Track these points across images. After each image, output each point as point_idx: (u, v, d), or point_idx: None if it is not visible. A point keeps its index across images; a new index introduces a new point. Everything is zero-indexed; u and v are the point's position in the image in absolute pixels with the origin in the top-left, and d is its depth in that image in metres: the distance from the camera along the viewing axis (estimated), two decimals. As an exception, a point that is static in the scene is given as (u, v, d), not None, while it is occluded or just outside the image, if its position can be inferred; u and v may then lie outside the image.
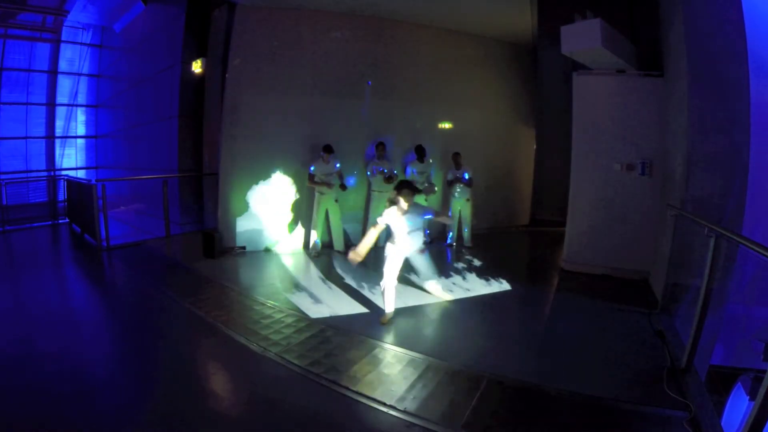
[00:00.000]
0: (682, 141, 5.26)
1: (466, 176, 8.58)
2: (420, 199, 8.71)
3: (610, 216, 6.73)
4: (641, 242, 6.53)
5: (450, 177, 8.74)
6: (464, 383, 3.74)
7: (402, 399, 3.49)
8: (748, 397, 3.32)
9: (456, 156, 8.70)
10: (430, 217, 5.27)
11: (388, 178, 8.30)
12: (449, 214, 8.75)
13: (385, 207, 5.14)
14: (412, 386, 3.69)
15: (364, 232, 8.59)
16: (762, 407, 2.40)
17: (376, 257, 7.83)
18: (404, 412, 3.33)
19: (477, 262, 7.54)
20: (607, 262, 6.78)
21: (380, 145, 8.36)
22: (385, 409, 3.37)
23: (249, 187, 8.15)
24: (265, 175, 8.22)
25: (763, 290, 4.41)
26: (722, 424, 3.14)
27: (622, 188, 6.67)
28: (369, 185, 8.57)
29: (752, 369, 3.65)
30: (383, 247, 5.33)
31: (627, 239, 6.65)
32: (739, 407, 3.39)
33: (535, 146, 11.35)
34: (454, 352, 4.34)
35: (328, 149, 7.82)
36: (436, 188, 8.83)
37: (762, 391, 2.40)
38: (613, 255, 6.74)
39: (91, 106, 16.87)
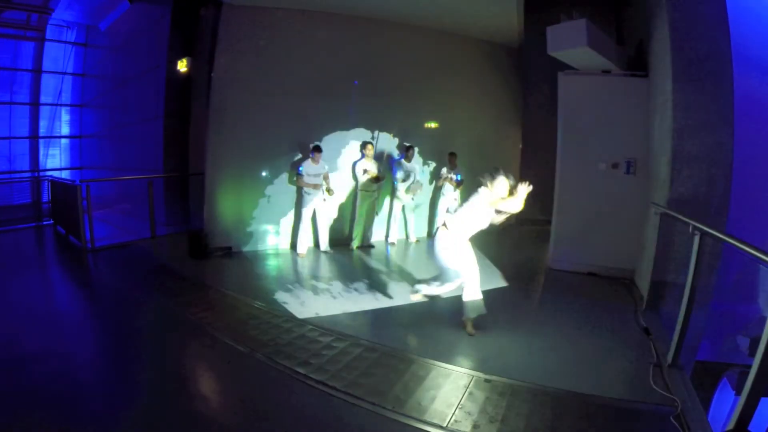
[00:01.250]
0: (667, 140, 5.30)
1: (459, 177, 8.63)
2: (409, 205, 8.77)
3: (595, 215, 6.78)
4: (627, 240, 6.57)
5: (442, 175, 8.79)
6: (452, 381, 3.74)
7: (389, 397, 3.47)
8: (734, 392, 3.35)
9: (452, 156, 8.74)
10: None
11: (376, 178, 8.29)
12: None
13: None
14: (399, 385, 3.67)
15: (351, 232, 8.59)
16: (747, 402, 2.42)
17: (365, 256, 7.83)
18: (392, 410, 3.32)
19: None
20: (594, 260, 6.82)
21: (367, 145, 8.35)
22: (372, 408, 3.36)
23: (235, 188, 8.09)
24: (252, 175, 8.17)
25: (747, 287, 4.46)
26: (708, 419, 3.16)
27: (608, 187, 6.72)
28: (357, 185, 8.54)
29: (738, 364, 3.69)
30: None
31: (613, 238, 6.70)
32: (725, 402, 3.42)
33: (520, 146, 11.39)
34: (442, 351, 4.33)
35: (318, 149, 7.80)
36: (422, 185, 8.85)
37: (747, 386, 2.42)
38: (599, 253, 6.79)
39: (76, 106, 16.64)
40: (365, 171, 8.26)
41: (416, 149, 8.90)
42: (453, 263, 4.71)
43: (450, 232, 4.67)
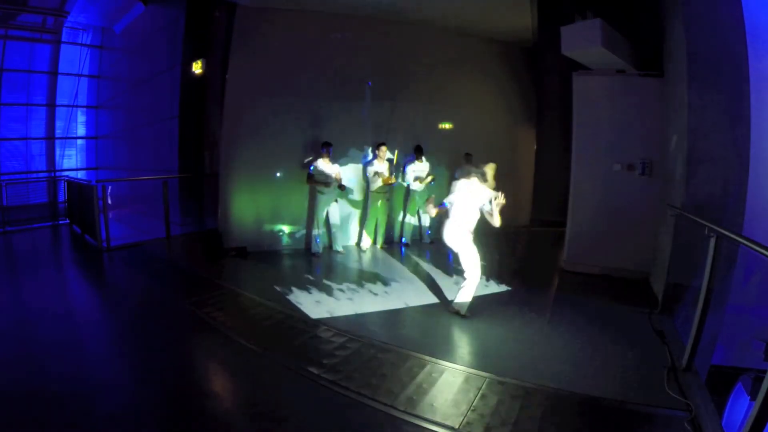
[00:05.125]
0: (682, 141, 5.25)
1: None
2: (422, 198, 8.71)
3: (610, 216, 6.73)
4: (641, 242, 6.53)
5: (458, 175, 8.72)
6: (465, 383, 3.74)
7: (402, 399, 3.49)
8: (749, 397, 3.31)
9: (467, 156, 8.70)
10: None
11: (388, 182, 8.29)
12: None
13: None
14: (412, 386, 3.68)
15: (361, 233, 8.61)
16: (763, 407, 2.40)
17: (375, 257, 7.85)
18: (404, 411, 3.33)
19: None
20: (608, 262, 6.78)
21: (380, 146, 8.34)
22: (385, 409, 3.37)
23: (249, 188, 8.14)
24: (266, 175, 8.22)
25: (763, 290, 4.40)
26: (723, 424, 3.13)
27: (623, 188, 6.67)
28: (368, 186, 8.55)
29: (753, 369, 3.64)
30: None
31: (627, 239, 6.65)
32: (740, 407, 3.39)
33: (535, 146, 11.34)
34: (455, 353, 4.35)
35: (327, 145, 7.82)
36: (435, 177, 8.81)
37: (763, 391, 2.39)
38: (614, 255, 6.74)
39: (92, 107, 16.85)
40: (376, 173, 8.26)
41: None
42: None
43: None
